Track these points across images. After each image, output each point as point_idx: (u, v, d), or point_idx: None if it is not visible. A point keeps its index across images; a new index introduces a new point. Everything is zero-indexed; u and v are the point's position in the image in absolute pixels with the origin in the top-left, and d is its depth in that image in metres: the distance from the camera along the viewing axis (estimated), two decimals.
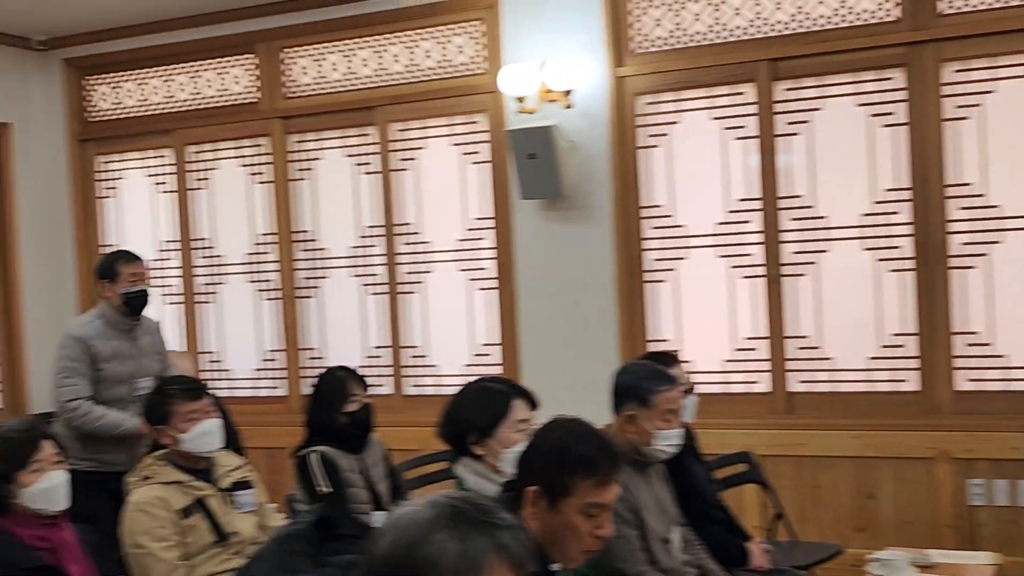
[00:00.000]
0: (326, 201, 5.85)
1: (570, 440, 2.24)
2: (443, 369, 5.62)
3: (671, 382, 3.20)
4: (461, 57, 5.46)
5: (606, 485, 2.20)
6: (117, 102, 6.31)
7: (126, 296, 4.38)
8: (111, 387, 4.32)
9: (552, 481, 2.19)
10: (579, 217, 5.17)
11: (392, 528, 1.39)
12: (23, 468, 2.81)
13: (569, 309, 5.22)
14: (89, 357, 4.28)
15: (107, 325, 4.38)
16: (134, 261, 4.47)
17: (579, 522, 2.18)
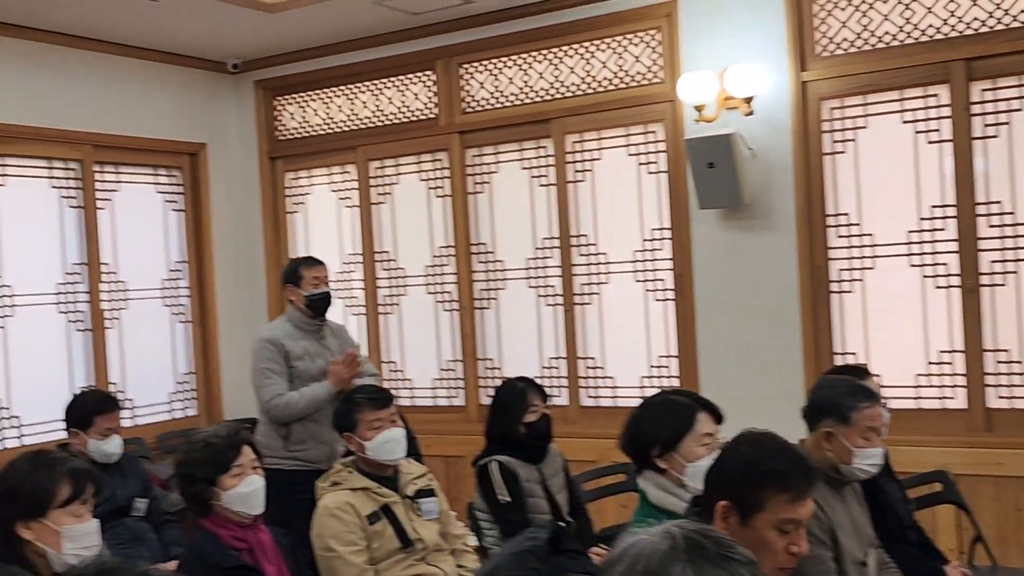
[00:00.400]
0: (503, 213, 5.92)
1: (762, 454, 2.18)
2: (620, 381, 5.58)
3: (872, 398, 3.05)
4: (638, 67, 5.42)
5: (800, 500, 2.13)
6: (304, 121, 6.56)
7: (309, 298, 4.56)
8: (304, 383, 4.51)
9: (743, 496, 2.13)
10: (761, 226, 5.05)
11: (626, 556, 1.37)
12: (225, 472, 2.92)
13: (750, 321, 5.10)
14: (282, 356, 4.48)
15: (294, 327, 4.58)
16: (316, 265, 4.66)
17: (773, 538, 2.11)
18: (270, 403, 4.45)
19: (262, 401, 4.50)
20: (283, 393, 4.46)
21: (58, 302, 5.69)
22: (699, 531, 1.40)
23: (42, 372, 5.54)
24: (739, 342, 5.13)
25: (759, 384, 4.99)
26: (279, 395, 4.46)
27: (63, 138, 5.68)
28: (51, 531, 2.44)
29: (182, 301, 6.42)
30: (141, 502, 4.25)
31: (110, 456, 4.24)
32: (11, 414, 5.41)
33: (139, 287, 6.16)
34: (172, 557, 3.97)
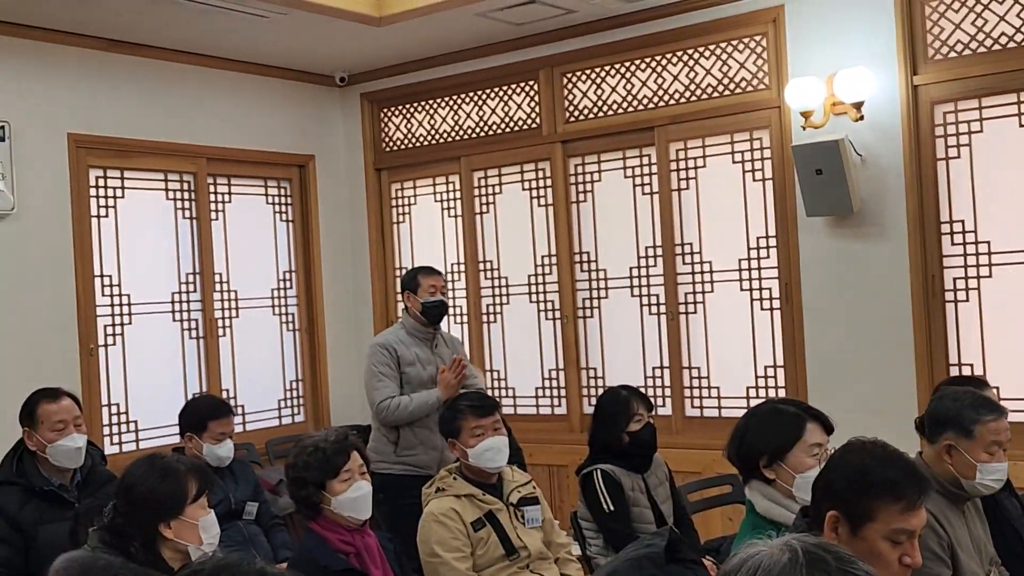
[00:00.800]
0: (606, 222, 5.90)
1: (872, 462, 2.13)
2: (725, 391, 5.51)
3: (997, 411, 2.94)
4: (743, 73, 5.36)
5: (912, 510, 2.07)
6: (409, 132, 6.66)
7: (425, 305, 4.63)
8: (415, 390, 4.59)
9: (853, 506, 2.09)
10: (871, 234, 4.93)
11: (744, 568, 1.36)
12: (334, 477, 2.98)
13: (860, 331, 4.98)
14: (394, 361, 4.57)
15: (408, 333, 4.68)
16: (433, 274, 4.77)
17: (885, 549, 2.06)
18: (380, 405, 4.55)
19: (372, 403, 4.60)
20: (394, 396, 4.54)
21: (173, 310, 5.88)
22: (820, 545, 1.38)
23: (158, 378, 5.73)
24: (849, 353, 5.02)
25: (869, 396, 4.88)
26: (390, 397, 4.53)
27: (178, 152, 5.88)
28: (189, 526, 2.56)
29: (291, 309, 6.57)
30: (252, 505, 4.35)
31: (223, 460, 4.36)
32: (129, 419, 5.60)
33: (249, 296, 6.32)
34: (281, 560, 4.07)
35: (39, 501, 3.59)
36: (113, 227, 5.60)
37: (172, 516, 2.54)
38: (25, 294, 5.09)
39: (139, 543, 2.49)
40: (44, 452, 3.64)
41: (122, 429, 5.57)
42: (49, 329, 5.18)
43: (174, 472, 2.58)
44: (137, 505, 2.50)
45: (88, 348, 5.36)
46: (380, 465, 4.51)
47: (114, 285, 5.58)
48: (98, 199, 5.53)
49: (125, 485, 2.55)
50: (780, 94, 5.12)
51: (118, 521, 2.50)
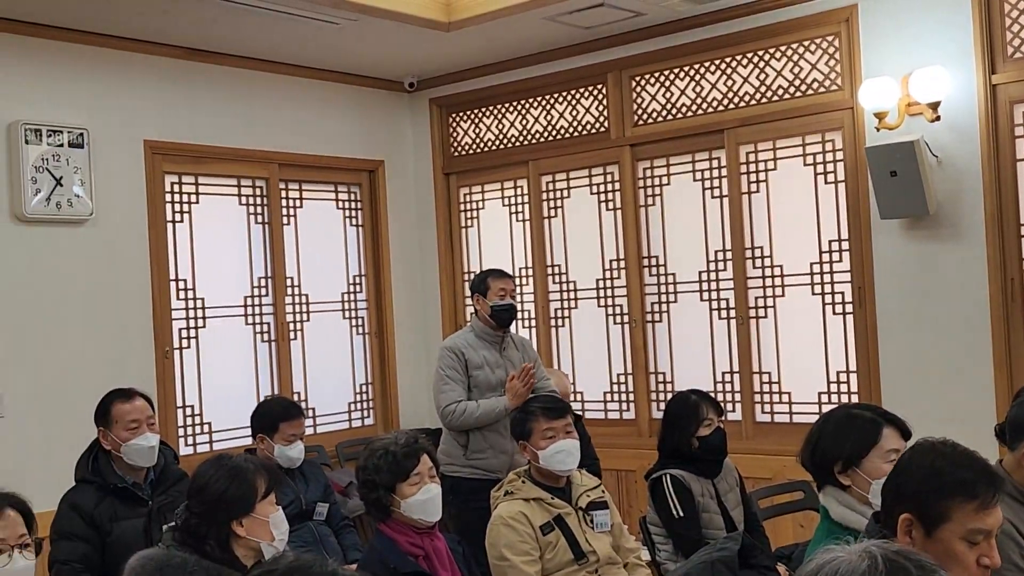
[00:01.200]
0: (675, 226, 5.86)
1: (944, 463, 2.09)
2: (796, 396, 5.43)
3: None
4: (814, 74, 5.29)
5: (987, 509, 2.03)
6: (477, 136, 6.68)
7: (494, 309, 4.64)
8: (483, 394, 4.59)
9: (927, 507, 2.05)
10: (947, 236, 4.83)
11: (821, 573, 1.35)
12: (404, 480, 3.00)
13: (936, 335, 4.88)
14: (462, 365, 4.57)
15: (477, 337, 4.68)
16: (503, 277, 4.77)
17: (962, 550, 2.02)
18: (446, 409, 4.56)
19: (439, 407, 4.61)
20: (460, 400, 4.55)
21: (245, 314, 5.97)
22: (900, 552, 1.36)
23: (231, 380, 5.82)
24: (924, 358, 4.92)
25: (946, 401, 4.77)
26: (456, 402, 4.54)
27: (251, 157, 5.97)
28: (260, 523, 2.60)
29: (360, 313, 6.63)
30: (322, 507, 4.41)
31: (293, 461, 4.41)
32: (203, 420, 5.70)
33: (320, 300, 6.39)
34: (350, 561, 4.10)
35: (114, 499, 3.66)
36: (188, 232, 5.71)
37: (244, 514, 2.58)
38: (103, 298, 5.21)
39: (214, 541, 2.53)
40: (118, 451, 3.71)
41: (196, 431, 5.68)
42: (126, 332, 5.30)
43: (243, 471, 2.62)
44: (210, 505, 2.55)
45: (164, 351, 5.47)
46: (450, 468, 4.53)
47: (189, 289, 5.68)
48: (173, 204, 5.65)
49: (197, 486, 2.60)
50: (853, 95, 5.04)
51: (192, 521, 2.54)
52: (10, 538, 2.38)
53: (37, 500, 4.22)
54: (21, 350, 4.90)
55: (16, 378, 4.87)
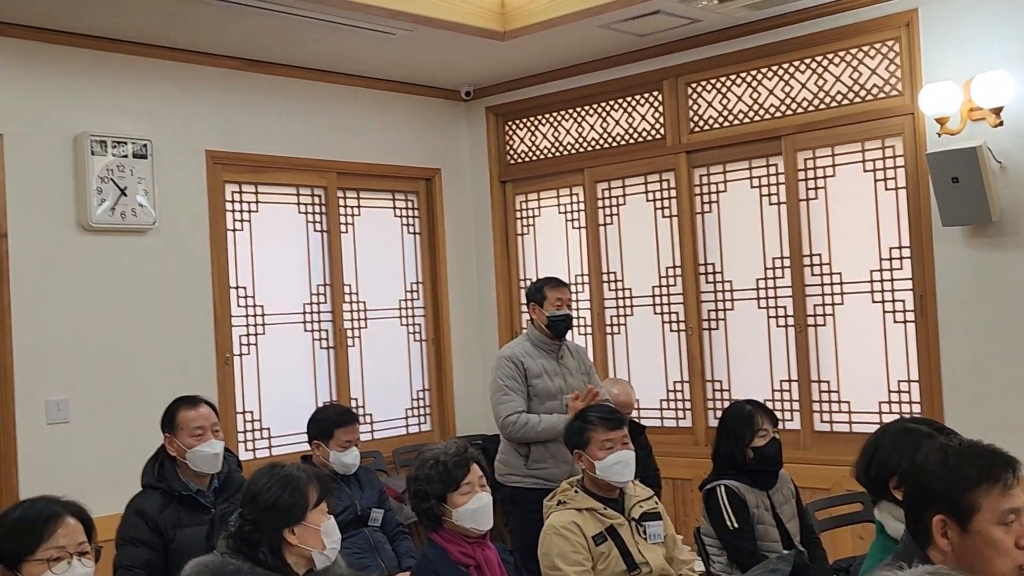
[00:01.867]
0: (731, 233, 5.82)
1: (958, 457, 2.12)
2: (856, 406, 5.36)
3: None
4: (874, 79, 5.22)
5: (1011, 487, 2.07)
6: (533, 144, 6.70)
7: (550, 319, 4.64)
8: (543, 402, 4.58)
9: (956, 503, 2.07)
10: (1011, 244, 4.73)
11: None
12: (455, 490, 3.02)
13: (1000, 345, 4.78)
14: (521, 374, 4.57)
15: (534, 346, 4.69)
16: (560, 287, 4.76)
17: (999, 536, 2.05)
18: (506, 420, 4.55)
19: (498, 417, 4.60)
20: (521, 411, 4.54)
21: (304, 321, 6.04)
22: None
23: (290, 387, 5.90)
24: (988, 367, 4.83)
25: (1010, 413, 4.67)
26: (517, 412, 4.53)
27: (310, 166, 6.05)
28: (312, 531, 2.63)
29: (418, 320, 6.68)
30: (377, 512, 4.44)
31: (349, 467, 4.46)
32: (262, 426, 5.78)
33: (378, 307, 6.45)
34: (405, 568, 4.13)
35: (178, 505, 3.72)
36: (248, 240, 5.79)
37: (296, 522, 2.61)
38: (166, 305, 5.31)
39: (267, 549, 2.57)
40: (183, 457, 3.77)
41: (256, 436, 5.76)
42: (188, 338, 5.39)
43: (296, 480, 2.65)
44: (263, 512, 2.59)
45: (224, 357, 5.56)
46: (511, 478, 4.53)
47: (248, 296, 5.77)
48: (234, 213, 5.74)
49: (251, 493, 2.64)
50: (914, 100, 4.96)
51: (247, 528, 2.59)
52: (69, 545, 2.44)
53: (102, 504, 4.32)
54: (86, 357, 5.01)
55: (81, 384, 4.98)
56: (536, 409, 4.59)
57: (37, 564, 2.40)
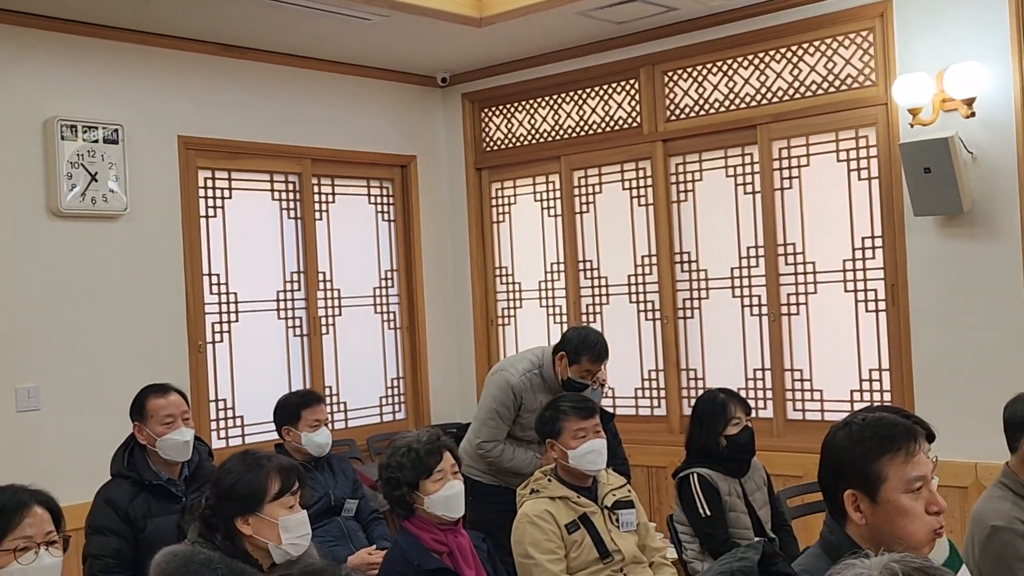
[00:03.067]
0: (707, 222, 5.83)
1: (861, 429, 2.16)
2: (828, 394, 5.39)
3: None
4: (848, 69, 5.24)
5: (915, 456, 2.11)
6: (509, 132, 6.68)
7: (570, 381, 4.39)
8: (525, 430, 4.44)
9: (863, 475, 2.11)
10: (982, 234, 4.77)
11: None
12: (427, 477, 3.02)
13: (970, 335, 4.82)
14: (516, 407, 4.44)
15: (543, 380, 4.46)
16: (597, 362, 4.41)
17: (908, 503, 2.09)
18: (483, 443, 4.45)
19: (476, 438, 4.49)
20: (500, 441, 4.44)
21: (278, 308, 6.02)
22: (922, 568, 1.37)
23: (263, 375, 5.87)
24: (957, 357, 4.87)
25: (979, 402, 4.71)
26: (496, 442, 4.44)
27: (284, 153, 6.01)
28: (268, 524, 2.58)
29: (392, 308, 6.66)
30: (352, 502, 4.43)
31: (322, 447, 4.45)
32: (235, 414, 5.76)
33: (352, 294, 6.43)
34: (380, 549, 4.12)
35: (148, 495, 3.69)
36: (221, 227, 5.75)
37: (249, 512, 2.57)
38: (137, 292, 5.27)
39: (221, 535, 2.54)
40: (153, 446, 3.74)
41: (229, 424, 5.73)
42: (160, 326, 5.36)
43: (257, 469, 2.61)
44: (220, 498, 2.56)
45: (196, 345, 5.52)
46: (472, 471, 4.47)
47: (221, 284, 5.74)
48: (207, 199, 5.70)
49: (216, 477, 2.62)
50: (887, 91, 4.99)
51: (206, 512, 2.56)
52: (37, 535, 2.41)
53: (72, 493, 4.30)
54: (56, 343, 4.97)
55: (52, 372, 4.94)
56: (517, 433, 4.49)
57: (3, 555, 2.36)
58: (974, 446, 4.58)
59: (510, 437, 4.49)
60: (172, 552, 2.50)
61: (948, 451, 4.18)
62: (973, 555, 2.85)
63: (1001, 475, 2.97)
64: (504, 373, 4.48)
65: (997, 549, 2.77)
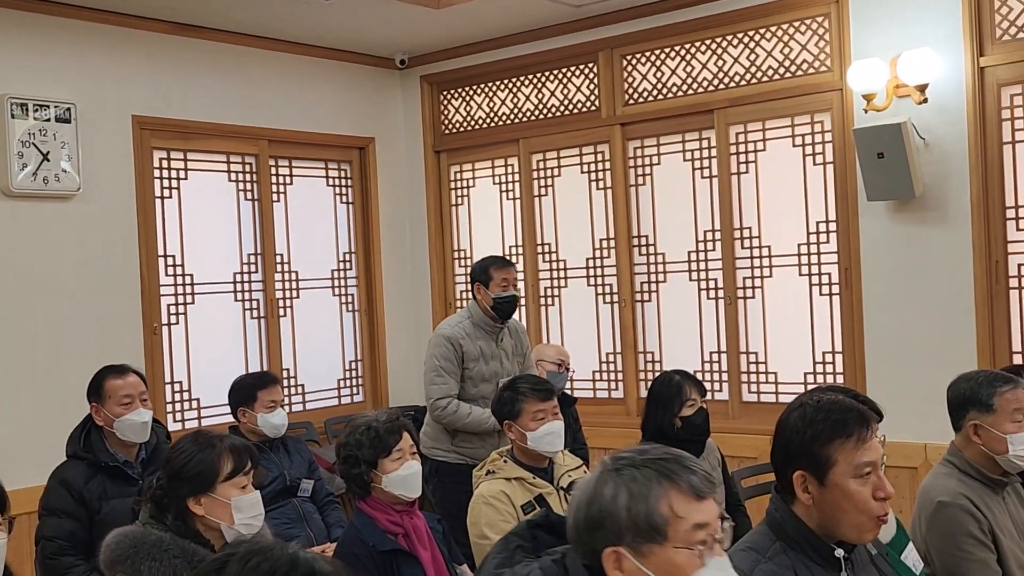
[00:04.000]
0: (664, 205, 5.86)
1: (815, 412, 2.19)
2: (783, 376, 5.46)
3: (1012, 382, 2.96)
4: (804, 55, 5.28)
5: (866, 442, 2.14)
6: (468, 114, 6.67)
7: (496, 300, 4.58)
8: (476, 384, 4.55)
9: (813, 458, 2.14)
10: (933, 219, 4.84)
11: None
12: (387, 456, 3.01)
13: (921, 317, 4.90)
14: (458, 357, 4.51)
15: (474, 326, 4.59)
16: (507, 267, 4.64)
17: (855, 488, 2.12)
18: (436, 402, 4.50)
19: (429, 397, 4.55)
20: (453, 397, 4.50)
21: (235, 291, 5.98)
22: None
23: (220, 357, 5.83)
24: (909, 339, 4.94)
25: (930, 383, 4.74)
26: (449, 398, 4.49)
27: (241, 134, 5.96)
28: (220, 504, 2.56)
29: (350, 291, 6.64)
30: (307, 483, 4.43)
31: (278, 429, 4.44)
32: (191, 396, 5.72)
33: (310, 277, 6.40)
34: (335, 538, 4.12)
35: (104, 476, 3.66)
36: (176, 208, 5.70)
37: (201, 492, 2.55)
38: (91, 273, 5.22)
39: (172, 516, 2.53)
40: (111, 427, 3.72)
41: (185, 407, 5.69)
42: (114, 308, 5.30)
43: (208, 449, 2.59)
44: (171, 478, 2.54)
45: (152, 327, 5.47)
46: (435, 452, 4.50)
47: (177, 265, 5.69)
48: (162, 180, 5.64)
49: (167, 457, 2.60)
50: (842, 76, 5.04)
51: (158, 493, 2.55)
52: None
53: (26, 475, 4.27)
54: (9, 324, 4.90)
55: (5, 353, 4.88)
56: (469, 391, 4.55)
57: None
58: (924, 427, 4.65)
59: (464, 398, 4.53)
60: (123, 533, 2.48)
61: (898, 432, 4.26)
62: (920, 531, 2.90)
63: (947, 453, 3.03)
64: (437, 331, 4.65)
65: (943, 525, 2.83)
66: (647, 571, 1.68)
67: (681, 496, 1.70)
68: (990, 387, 2.94)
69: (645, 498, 1.68)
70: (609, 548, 1.69)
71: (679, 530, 1.68)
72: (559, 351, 5.19)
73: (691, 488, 1.70)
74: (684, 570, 1.68)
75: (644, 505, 1.67)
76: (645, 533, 1.67)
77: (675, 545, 1.68)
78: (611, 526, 1.69)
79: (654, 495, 1.68)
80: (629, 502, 1.68)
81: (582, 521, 1.72)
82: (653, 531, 1.67)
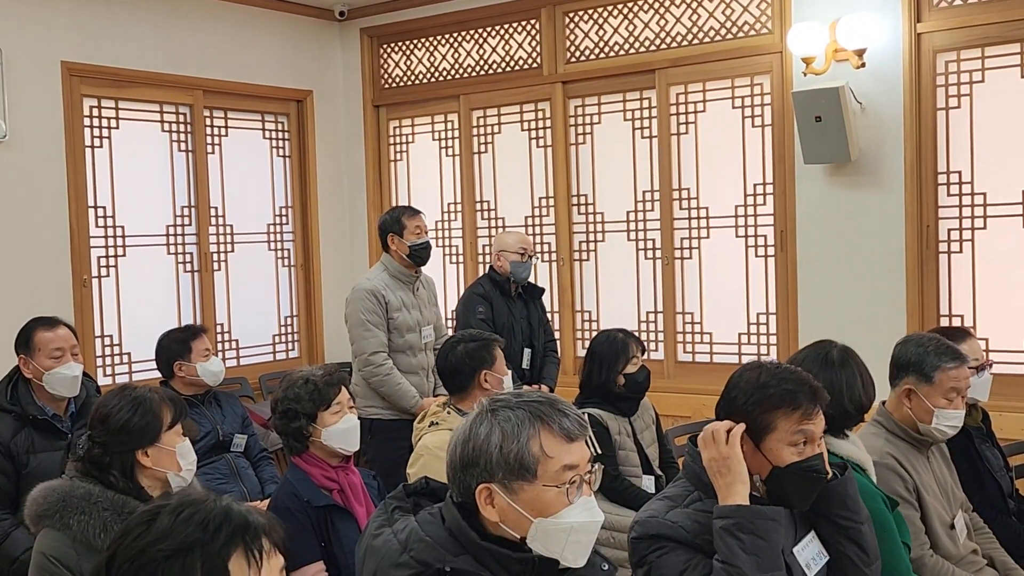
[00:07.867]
0: (604, 165, 5.86)
1: (769, 378, 2.23)
2: (718, 337, 5.52)
3: (960, 359, 2.99)
4: (745, 17, 5.29)
5: (809, 417, 2.19)
6: (408, 69, 6.59)
7: (412, 248, 4.57)
8: (403, 335, 4.55)
9: (755, 420, 2.20)
10: (868, 183, 4.91)
11: None
12: (326, 409, 2.98)
13: (854, 280, 4.98)
14: (382, 308, 4.51)
15: (391, 276, 4.61)
16: (417, 215, 4.67)
17: (788, 456, 2.18)
18: (372, 356, 4.47)
19: (362, 352, 4.51)
20: (386, 354, 4.48)
21: (167, 244, 5.87)
22: None
23: (152, 311, 5.72)
24: (841, 301, 5.02)
25: (860, 345, 4.78)
26: (383, 352, 4.47)
27: (174, 83, 5.82)
28: (166, 452, 2.57)
29: (286, 245, 6.56)
30: (240, 438, 4.39)
31: (217, 376, 4.41)
32: (122, 351, 5.62)
33: (245, 231, 6.30)
34: (268, 495, 4.10)
35: (32, 430, 3.62)
36: (107, 158, 5.56)
37: (149, 443, 2.55)
38: (18, 223, 5.08)
39: (118, 471, 2.50)
40: (40, 380, 3.65)
41: (115, 361, 5.60)
42: (42, 259, 5.18)
43: (147, 401, 2.58)
44: (114, 435, 2.51)
45: (81, 279, 5.36)
46: (368, 410, 4.46)
47: (108, 216, 5.56)
48: (92, 129, 5.49)
49: (100, 416, 2.56)
50: (782, 39, 5.06)
51: (95, 451, 2.51)
52: None
53: None
54: None
55: None
56: (396, 341, 4.55)
57: None
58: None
59: (394, 352, 4.52)
60: (49, 487, 2.44)
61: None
62: None
63: (876, 414, 3.09)
64: (356, 287, 4.62)
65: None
66: (517, 507, 1.77)
67: (552, 437, 1.78)
68: (936, 359, 2.96)
69: (517, 437, 1.76)
70: (482, 484, 1.78)
71: (548, 469, 1.77)
72: (520, 238, 5.06)
73: (562, 430, 1.78)
74: (552, 507, 1.77)
75: (515, 444, 1.76)
76: (516, 471, 1.76)
77: (544, 483, 1.77)
78: (484, 464, 1.77)
79: (525, 435, 1.76)
80: (502, 441, 1.77)
81: (457, 459, 1.81)
82: (523, 469, 1.76)
